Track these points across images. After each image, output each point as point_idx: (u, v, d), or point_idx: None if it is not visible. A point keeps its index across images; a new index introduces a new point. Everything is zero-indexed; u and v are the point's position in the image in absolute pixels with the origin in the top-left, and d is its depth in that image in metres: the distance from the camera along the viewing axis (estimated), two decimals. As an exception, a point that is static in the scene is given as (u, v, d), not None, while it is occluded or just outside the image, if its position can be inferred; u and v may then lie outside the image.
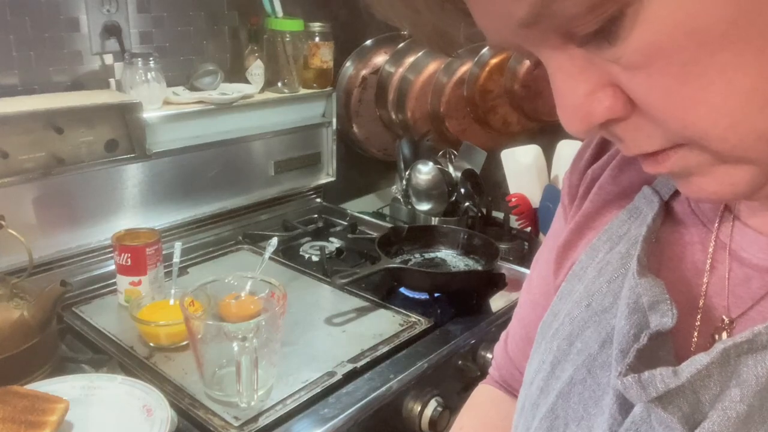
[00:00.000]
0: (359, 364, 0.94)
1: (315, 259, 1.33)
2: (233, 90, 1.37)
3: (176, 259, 1.11)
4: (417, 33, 0.35)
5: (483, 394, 0.67)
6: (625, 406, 0.36)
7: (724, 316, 0.38)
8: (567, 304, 0.45)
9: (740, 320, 0.37)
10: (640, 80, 0.29)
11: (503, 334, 0.65)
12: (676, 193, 0.43)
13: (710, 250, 0.39)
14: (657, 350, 0.35)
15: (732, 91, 0.27)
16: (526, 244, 1.43)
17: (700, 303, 0.39)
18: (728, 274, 0.38)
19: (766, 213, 0.38)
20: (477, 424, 0.65)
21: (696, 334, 0.38)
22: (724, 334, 0.37)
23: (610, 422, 0.37)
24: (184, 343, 0.97)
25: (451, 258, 1.30)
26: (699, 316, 0.38)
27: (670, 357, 0.36)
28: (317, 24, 1.49)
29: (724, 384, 0.32)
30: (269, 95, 1.45)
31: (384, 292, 1.17)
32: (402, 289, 1.18)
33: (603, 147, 0.50)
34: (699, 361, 0.32)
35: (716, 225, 0.40)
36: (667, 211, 0.43)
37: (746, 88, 0.27)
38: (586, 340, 0.41)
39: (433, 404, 0.94)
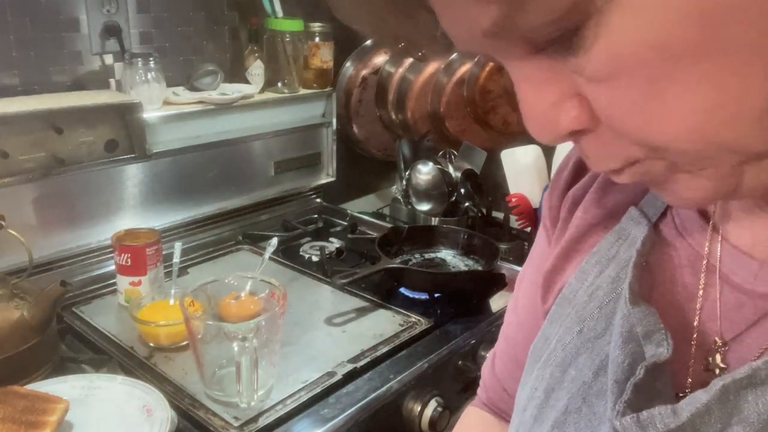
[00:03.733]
0: (359, 364, 0.94)
1: (315, 259, 1.33)
2: (233, 90, 1.37)
3: (176, 259, 1.11)
4: (380, 38, 0.35)
5: (472, 417, 0.66)
6: None
7: (717, 338, 0.37)
8: (558, 329, 0.44)
9: (734, 343, 0.37)
10: (603, 93, 0.28)
11: (490, 354, 0.64)
12: (663, 214, 0.42)
13: (702, 273, 0.39)
14: (654, 381, 0.35)
15: (696, 107, 0.27)
16: (526, 244, 1.43)
17: (695, 329, 0.38)
18: (719, 298, 0.38)
19: (753, 232, 0.37)
20: None
21: (692, 361, 0.38)
22: (718, 356, 0.37)
23: None
24: (184, 343, 0.97)
25: (451, 258, 1.30)
26: (694, 343, 0.38)
27: (667, 388, 0.35)
28: (317, 24, 1.49)
29: (725, 421, 0.32)
30: (269, 95, 1.45)
31: (384, 292, 1.17)
32: (402, 289, 1.18)
33: (582, 167, 0.49)
34: (698, 399, 0.32)
35: (706, 247, 0.39)
36: (655, 233, 0.42)
37: (710, 104, 0.27)
38: (579, 368, 0.41)
39: (433, 404, 0.94)
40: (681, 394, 0.37)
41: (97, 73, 1.26)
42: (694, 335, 0.38)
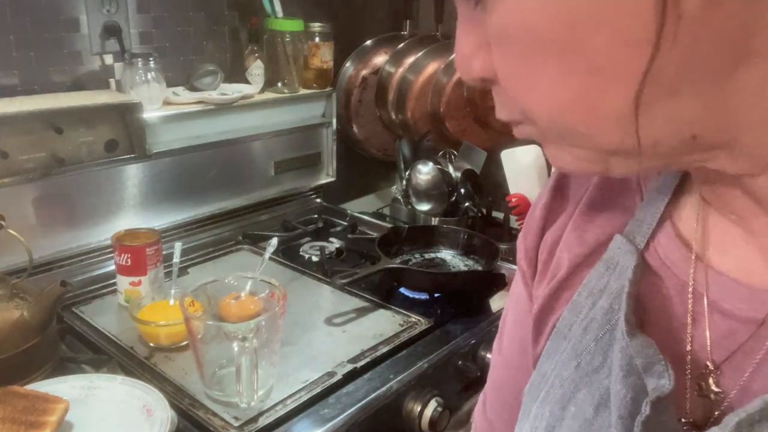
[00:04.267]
0: (359, 364, 0.94)
1: (315, 259, 1.33)
2: (233, 90, 1.37)
3: (176, 259, 1.11)
4: None
5: None
6: None
7: (708, 362, 0.37)
8: (555, 365, 0.44)
9: (725, 367, 0.37)
10: (495, 53, 0.32)
11: (481, 397, 0.62)
12: (648, 244, 0.42)
13: (689, 302, 0.39)
14: (659, 416, 0.34)
15: (555, 94, 0.31)
16: (526, 244, 1.43)
17: (688, 358, 0.38)
18: (709, 325, 0.37)
19: (736, 256, 0.37)
20: None
21: (688, 391, 0.38)
22: (711, 381, 0.37)
23: None
24: (184, 343, 0.97)
25: (451, 258, 1.30)
26: (689, 371, 0.38)
27: (673, 422, 0.35)
28: (317, 24, 1.49)
29: None
30: (269, 95, 1.45)
31: (384, 292, 1.17)
32: (402, 289, 1.18)
33: (554, 208, 0.49)
34: None
35: (691, 274, 0.39)
36: (642, 262, 0.42)
37: (566, 95, 0.30)
38: (579, 404, 0.40)
39: (433, 404, 0.94)
40: (684, 420, 0.36)
41: (97, 73, 1.26)
42: (688, 365, 0.38)
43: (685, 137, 0.30)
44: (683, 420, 0.36)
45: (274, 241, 1.16)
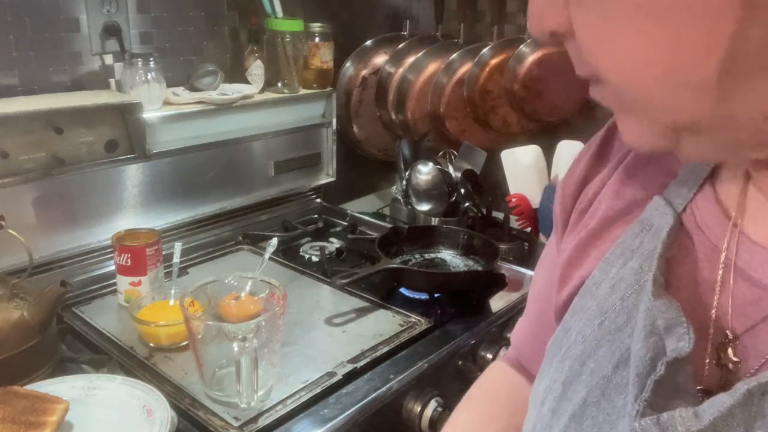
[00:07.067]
0: (359, 365, 0.94)
1: (315, 259, 1.33)
2: (233, 90, 1.37)
3: (176, 259, 1.11)
4: None
5: (497, 371, 0.68)
6: None
7: (728, 332, 0.37)
8: (579, 321, 0.44)
9: (746, 337, 0.36)
10: (574, 11, 0.32)
11: (512, 338, 0.65)
12: (686, 207, 0.42)
13: (720, 269, 0.38)
14: (675, 377, 0.34)
15: (634, 56, 0.30)
16: (526, 244, 1.43)
17: (711, 324, 0.38)
18: (733, 292, 0.37)
19: None
20: (485, 394, 0.66)
21: (708, 357, 0.37)
22: (730, 351, 0.36)
23: None
24: (184, 343, 0.97)
25: (451, 258, 1.30)
26: (711, 338, 0.38)
27: (689, 384, 0.35)
28: (317, 24, 1.49)
29: (748, 425, 0.31)
30: (269, 95, 1.45)
31: (384, 292, 1.17)
32: (402, 290, 1.18)
33: (599, 161, 0.50)
34: (721, 402, 0.32)
35: (725, 241, 0.39)
36: (678, 224, 0.42)
37: (647, 58, 0.30)
38: (599, 361, 0.40)
39: (433, 404, 0.94)
40: (699, 388, 0.36)
41: (97, 73, 1.26)
42: (711, 330, 0.38)
43: (759, 116, 0.30)
44: (699, 387, 0.36)
45: (274, 241, 1.16)
